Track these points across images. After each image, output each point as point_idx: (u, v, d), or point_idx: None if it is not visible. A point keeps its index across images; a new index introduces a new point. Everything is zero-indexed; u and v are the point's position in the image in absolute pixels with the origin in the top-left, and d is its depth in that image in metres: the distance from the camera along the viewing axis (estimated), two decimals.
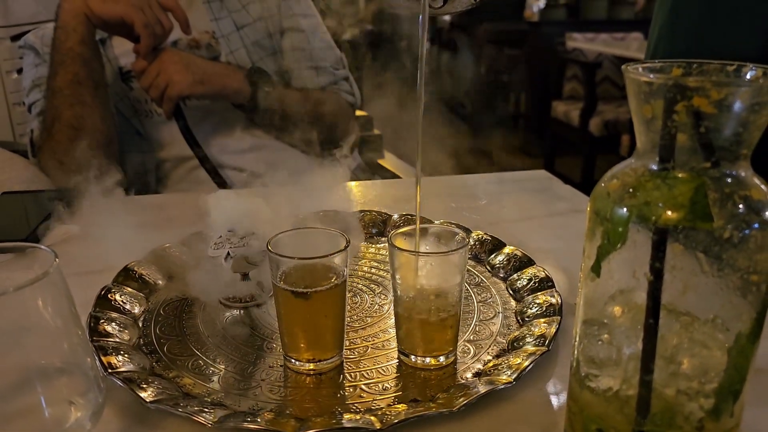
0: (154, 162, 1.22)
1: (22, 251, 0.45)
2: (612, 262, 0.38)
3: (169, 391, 0.52)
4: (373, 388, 0.54)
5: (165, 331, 0.62)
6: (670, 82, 0.34)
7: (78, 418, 0.43)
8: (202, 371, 0.56)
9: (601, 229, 0.39)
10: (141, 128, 1.21)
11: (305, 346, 0.56)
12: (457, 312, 0.56)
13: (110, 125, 1.14)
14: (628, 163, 0.39)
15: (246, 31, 1.27)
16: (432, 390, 0.53)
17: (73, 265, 0.76)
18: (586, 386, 0.41)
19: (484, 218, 0.92)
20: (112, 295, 0.65)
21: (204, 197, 0.72)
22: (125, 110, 1.19)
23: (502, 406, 0.51)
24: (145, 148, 1.21)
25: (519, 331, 0.61)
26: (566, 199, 1.03)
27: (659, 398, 0.38)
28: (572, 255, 0.79)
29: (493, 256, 0.76)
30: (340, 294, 0.55)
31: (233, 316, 0.65)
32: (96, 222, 0.92)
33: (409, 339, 0.57)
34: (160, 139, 1.23)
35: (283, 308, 0.55)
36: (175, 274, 0.74)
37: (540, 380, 0.55)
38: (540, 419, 0.50)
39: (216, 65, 1.18)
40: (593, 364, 0.41)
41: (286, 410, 0.51)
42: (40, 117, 1.17)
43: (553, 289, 0.66)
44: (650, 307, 0.37)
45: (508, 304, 0.67)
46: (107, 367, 0.53)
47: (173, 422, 0.50)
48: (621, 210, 0.37)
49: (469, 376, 0.55)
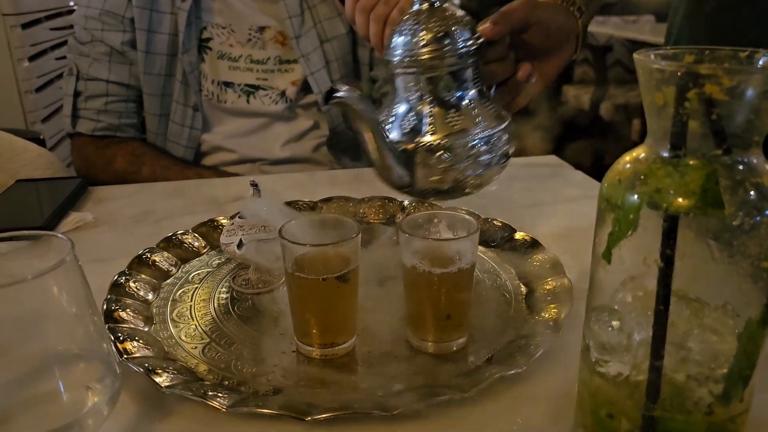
0: (197, 140, 1.23)
1: (38, 239, 0.46)
2: (623, 248, 0.38)
3: (183, 377, 0.52)
4: (385, 373, 0.54)
5: (179, 317, 0.63)
6: (682, 70, 0.34)
7: (95, 402, 0.44)
8: (216, 357, 0.57)
9: (612, 216, 0.39)
10: (199, 104, 1.21)
11: (317, 332, 0.56)
12: (468, 298, 0.57)
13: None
14: (639, 150, 0.39)
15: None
16: (443, 375, 0.54)
17: (87, 252, 0.77)
18: (596, 372, 0.41)
19: (494, 204, 0.91)
20: (126, 282, 0.66)
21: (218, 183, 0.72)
22: (193, 82, 1.19)
23: (513, 391, 0.52)
24: (196, 124, 1.21)
25: (529, 317, 0.62)
26: (577, 184, 1.02)
27: (669, 383, 0.38)
28: (583, 241, 0.79)
29: (503, 242, 0.77)
30: (352, 280, 0.55)
31: (246, 302, 0.66)
32: (109, 209, 0.93)
33: (420, 324, 0.57)
34: (210, 120, 1.23)
35: (295, 295, 0.56)
36: (186, 261, 0.74)
37: (550, 365, 0.55)
38: (550, 404, 0.51)
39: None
40: (603, 350, 0.41)
41: (298, 395, 0.52)
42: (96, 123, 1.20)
43: (563, 275, 0.66)
44: (661, 294, 0.37)
45: (518, 290, 0.68)
46: (123, 352, 0.54)
47: (188, 407, 0.50)
48: (632, 197, 0.37)
49: (479, 361, 0.56)
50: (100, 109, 1.19)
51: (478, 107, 0.70)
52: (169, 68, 1.18)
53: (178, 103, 1.19)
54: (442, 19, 0.67)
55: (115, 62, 1.18)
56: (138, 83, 1.20)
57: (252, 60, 1.22)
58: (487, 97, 0.72)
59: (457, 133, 0.67)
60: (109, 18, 1.15)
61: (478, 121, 0.69)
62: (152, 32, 1.15)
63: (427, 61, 0.67)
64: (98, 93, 1.19)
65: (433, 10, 0.68)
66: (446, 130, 0.67)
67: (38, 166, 1.16)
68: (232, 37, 1.20)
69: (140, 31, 1.15)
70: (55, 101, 1.99)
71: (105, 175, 1.17)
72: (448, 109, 0.68)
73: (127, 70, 1.19)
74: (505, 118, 0.72)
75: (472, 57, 0.68)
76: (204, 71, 1.21)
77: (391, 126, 0.70)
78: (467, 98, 0.69)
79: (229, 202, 0.94)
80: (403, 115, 0.70)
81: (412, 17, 0.68)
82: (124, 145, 1.21)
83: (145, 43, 1.15)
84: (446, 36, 0.67)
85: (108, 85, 1.19)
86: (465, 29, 0.68)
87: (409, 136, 0.68)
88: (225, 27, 1.20)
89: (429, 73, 0.68)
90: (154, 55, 1.16)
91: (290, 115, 1.25)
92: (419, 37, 0.67)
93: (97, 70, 1.18)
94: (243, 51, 1.21)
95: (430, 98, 0.68)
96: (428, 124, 0.68)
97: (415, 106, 0.69)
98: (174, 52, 1.17)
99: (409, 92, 0.69)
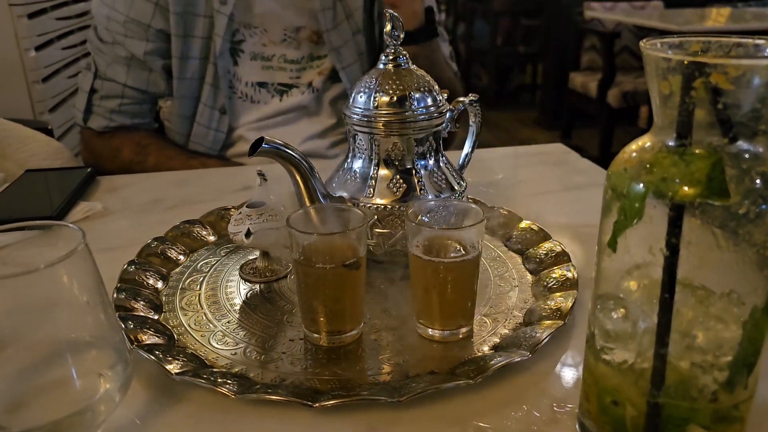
0: (221, 143, 1.23)
1: (49, 229, 0.47)
2: (628, 237, 0.38)
3: (193, 364, 0.53)
4: (392, 360, 0.55)
5: (188, 305, 0.64)
6: (688, 59, 0.34)
7: (107, 389, 0.44)
8: (225, 344, 0.57)
9: (618, 204, 0.39)
10: (228, 106, 1.21)
11: (325, 320, 0.57)
12: (474, 286, 0.57)
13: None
14: (645, 139, 0.39)
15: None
16: (450, 362, 0.54)
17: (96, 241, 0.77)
18: (601, 359, 0.42)
19: (500, 193, 0.92)
20: (136, 271, 0.67)
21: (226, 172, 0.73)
22: (224, 85, 1.19)
23: (519, 379, 0.52)
24: (222, 127, 1.21)
25: (535, 305, 0.62)
26: (584, 172, 1.02)
27: (674, 371, 0.39)
28: (589, 229, 0.80)
29: (510, 230, 0.77)
30: (359, 269, 0.56)
31: (254, 291, 0.67)
32: (119, 199, 0.94)
33: (427, 312, 0.58)
34: (238, 120, 1.23)
35: (303, 283, 0.57)
36: (195, 250, 0.75)
37: (556, 353, 0.56)
38: (556, 391, 0.51)
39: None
40: (609, 338, 0.41)
41: (306, 382, 0.52)
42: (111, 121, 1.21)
43: (569, 263, 0.66)
44: (666, 282, 0.37)
45: (524, 278, 0.68)
46: (134, 340, 0.55)
47: (198, 393, 0.51)
48: (638, 186, 0.37)
49: (486, 349, 0.56)
50: (114, 109, 1.19)
51: (428, 176, 0.67)
52: (201, 71, 1.18)
53: (206, 105, 1.19)
54: (403, 83, 0.65)
55: (135, 67, 1.17)
56: (156, 89, 1.20)
57: (286, 60, 1.22)
58: (445, 167, 0.70)
59: (398, 200, 0.65)
60: (134, 26, 1.14)
61: (423, 191, 0.66)
62: (187, 37, 1.14)
63: (379, 124, 0.65)
64: (114, 94, 1.19)
65: (397, 72, 0.66)
66: (389, 196, 0.66)
67: (46, 155, 1.17)
68: (265, 37, 1.20)
69: (176, 38, 1.14)
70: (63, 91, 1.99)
71: (112, 166, 1.18)
72: (394, 174, 0.66)
73: (146, 76, 1.19)
74: (456, 191, 0.69)
75: (430, 125, 0.66)
76: (237, 73, 1.20)
77: (338, 179, 0.69)
78: (418, 166, 0.67)
79: (237, 191, 0.95)
80: (351, 171, 0.68)
81: (374, 76, 0.66)
82: (131, 135, 1.21)
83: (180, 49, 1.15)
84: (402, 100, 0.65)
85: (124, 89, 1.19)
86: (426, 94, 0.66)
87: (351, 194, 0.67)
88: (257, 27, 1.19)
89: (380, 136, 0.66)
90: (189, 59, 1.16)
91: (315, 109, 1.25)
92: (375, 99, 0.65)
93: (115, 72, 1.18)
94: (277, 50, 1.21)
95: (377, 161, 0.67)
96: (370, 186, 0.66)
97: (364, 166, 0.68)
98: (206, 55, 1.17)
99: (360, 151, 0.68)
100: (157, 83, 1.20)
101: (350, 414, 0.49)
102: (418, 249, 0.56)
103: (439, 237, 0.57)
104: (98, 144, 1.22)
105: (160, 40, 1.15)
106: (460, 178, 0.71)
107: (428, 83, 0.67)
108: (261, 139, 0.59)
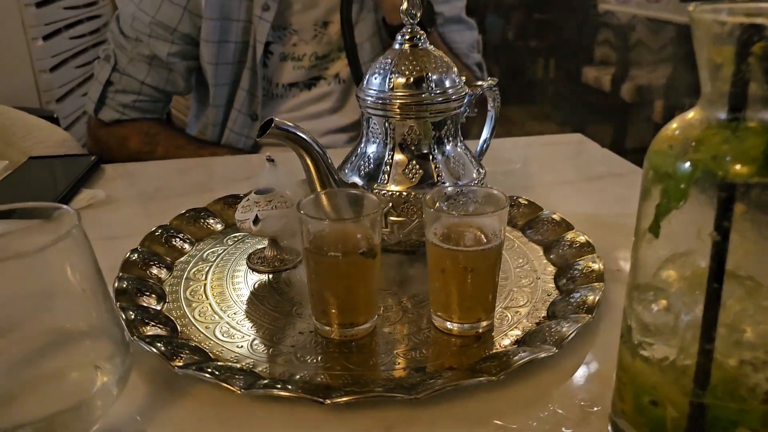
0: (250, 145, 1.21)
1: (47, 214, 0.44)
2: (672, 221, 0.35)
3: (197, 357, 0.50)
4: (408, 355, 0.52)
5: (193, 295, 0.61)
6: (747, 21, 0.31)
7: (104, 382, 0.42)
8: (231, 337, 0.55)
9: (660, 186, 0.36)
10: (260, 112, 1.19)
11: (336, 312, 0.54)
12: (495, 277, 0.54)
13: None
14: (691, 114, 0.36)
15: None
16: (469, 358, 0.51)
17: (99, 230, 0.75)
18: (638, 355, 0.38)
19: (518, 182, 0.88)
20: (139, 260, 0.64)
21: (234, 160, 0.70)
22: (260, 92, 1.18)
23: (544, 376, 0.49)
24: (252, 133, 1.19)
25: (559, 298, 0.59)
26: (603, 162, 0.99)
27: (720, 369, 0.35)
28: (611, 219, 0.76)
29: (529, 220, 0.73)
30: (375, 257, 0.53)
31: (262, 281, 0.64)
32: (122, 187, 0.91)
33: (445, 304, 0.54)
34: (265, 108, 1.22)
35: (314, 273, 0.53)
36: (201, 239, 0.72)
37: (582, 349, 0.52)
38: (584, 389, 0.48)
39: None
40: (647, 332, 0.38)
41: (317, 377, 0.49)
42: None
43: (594, 255, 0.63)
44: (714, 271, 0.34)
45: (545, 270, 0.65)
46: (134, 331, 0.52)
47: (202, 388, 0.48)
48: (684, 165, 0.34)
49: (507, 343, 0.53)
50: (127, 104, 1.17)
51: (445, 162, 0.64)
52: (235, 76, 1.16)
53: (240, 112, 1.17)
54: (420, 63, 0.62)
55: (156, 67, 1.16)
56: (174, 88, 1.19)
57: (317, 56, 1.20)
58: (464, 153, 0.66)
59: (414, 187, 0.62)
60: (160, 29, 1.12)
61: (440, 177, 0.63)
62: (222, 42, 1.13)
63: (395, 106, 0.62)
64: (131, 90, 1.17)
65: (414, 52, 0.63)
66: (404, 182, 0.63)
67: (51, 144, 1.15)
68: (295, 36, 1.18)
69: (210, 43, 1.12)
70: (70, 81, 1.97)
71: (119, 156, 1.15)
72: (410, 160, 0.63)
73: (165, 76, 1.17)
74: (477, 177, 0.65)
75: (448, 108, 0.63)
76: (266, 75, 1.19)
77: (351, 164, 0.66)
78: (435, 151, 0.63)
79: (246, 180, 0.92)
80: (365, 156, 0.65)
81: (389, 57, 0.63)
82: (138, 124, 1.19)
83: (215, 55, 1.13)
84: (419, 81, 0.61)
85: (142, 86, 1.17)
86: (444, 76, 0.62)
87: (365, 180, 0.64)
88: (286, 28, 1.17)
89: (395, 119, 0.62)
90: (224, 65, 1.14)
91: (339, 104, 1.23)
92: (391, 80, 0.62)
93: (135, 69, 1.16)
94: (308, 49, 1.19)
95: (392, 145, 0.63)
96: (384, 172, 0.63)
97: (378, 151, 0.64)
98: (241, 59, 1.15)
99: (374, 135, 0.64)
100: (176, 83, 1.18)
101: (364, 412, 0.46)
102: (436, 237, 0.53)
103: (458, 224, 0.54)
104: (104, 133, 1.20)
105: (185, 42, 1.14)
106: (479, 165, 0.68)
107: (446, 64, 0.64)
108: (270, 121, 0.56)
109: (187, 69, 1.17)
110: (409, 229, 0.62)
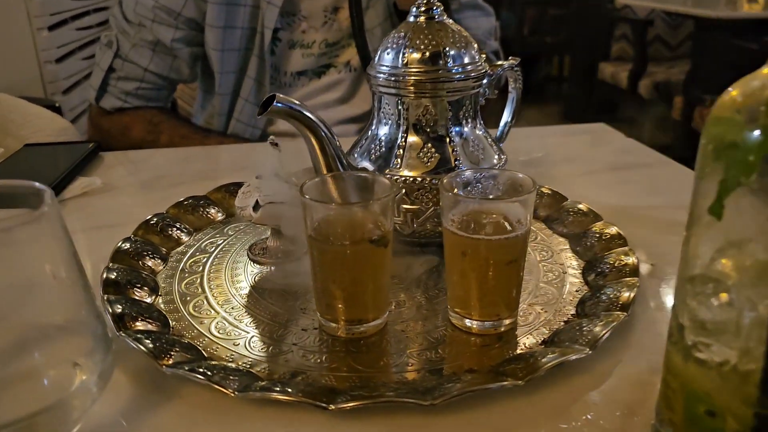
0: (257, 136, 1.17)
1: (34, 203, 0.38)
2: (740, 200, 0.30)
3: (188, 355, 0.46)
4: (422, 356, 0.47)
5: (188, 288, 0.56)
6: None
7: (83, 381, 0.39)
8: (228, 333, 0.50)
9: (722, 161, 0.30)
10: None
11: (344, 307, 0.49)
12: (520, 269, 0.49)
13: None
14: (757, 78, 0.30)
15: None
16: (491, 359, 0.46)
17: (93, 218, 0.71)
18: (692, 357, 0.33)
19: (541, 171, 0.83)
20: (132, 249, 0.60)
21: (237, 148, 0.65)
22: (267, 80, 1.14)
23: (575, 380, 0.44)
24: (260, 123, 1.16)
25: (589, 294, 0.53)
26: (630, 152, 0.93)
27: None
28: (642, 211, 0.71)
29: (554, 211, 0.68)
30: (386, 246, 0.48)
31: (263, 274, 0.59)
32: (121, 175, 0.87)
33: (463, 300, 0.49)
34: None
35: (318, 264, 0.49)
36: (199, 228, 0.67)
37: (617, 350, 0.47)
38: (622, 395, 0.43)
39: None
40: (704, 331, 0.33)
41: (320, 380, 0.45)
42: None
43: (626, 247, 0.58)
44: None
45: (573, 264, 0.59)
46: (120, 326, 0.47)
47: (192, 390, 0.44)
48: (753, 133, 0.29)
49: (532, 343, 0.48)
50: (130, 91, 1.14)
51: (463, 145, 0.59)
52: (241, 64, 1.12)
53: (247, 101, 1.13)
54: (437, 37, 0.57)
55: (159, 53, 1.12)
56: (178, 75, 1.16)
57: (327, 44, 1.16)
58: (483, 136, 0.61)
59: (429, 172, 0.57)
60: (163, 13, 1.08)
61: (458, 162, 0.58)
62: (228, 28, 1.09)
63: (409, 84, 0.57)
64: (133, 77, 1.13)
65: (430, 25, 0.58)
66: (419, 167, 0.58)
67: (51, 132, 1.11)
68: (305, 23, 1.14)
69: (216, 29, 1.08)
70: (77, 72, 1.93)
71: (121, 145, 1.11)
72: (425, 143, 0.58)
73: (169, 62, 1.13)
74: (497, 163, 0.61)
75: (466, 86, 0.58)
76: (274, 63, 1.14)
77: (361, 148, 0.61)
78: (453, 133, 0.58)
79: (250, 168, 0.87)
80: (376, 139, 0.60)
81: (403, 31, 0.58)
82: (141, 112, 1.15)
83: (221, 41, 1.09)
84: (436, 57, 0.56)
85: (145, 73, 1.13)
86: (463, 51, 0.58)
87: (376, 165, 0.59)
88: (295, 14, 1.13)
89: (409, 98, 0.57)
90: (230, 51, 1.10)
91: (350, 94, 1.19)
92: (404, 56, 0.57)
93: (138, 55, 1.12)
94: (318, 36, 1.15)
95: (406, 127, 0.59)
96: (397, 156, 0.58)
97: (390, 133, 0.60)
98: (248, 46, 1.11)
99: (386, 116, 0.60)
100: (181, 70, 1.15)
101: (372, 419, 0.41)
102: (453, 224, 0.47)
103: (479, 210, 0.48)
104: (106, 121, 1.16)
105: (189, 28, 1.10)
106: (500, 150, 0.62)
107: (465, 39, 0.59)
108: (273, 97, 0.51)
109: (191, 55, 1.13)
110: (424, 217, 0.57)
